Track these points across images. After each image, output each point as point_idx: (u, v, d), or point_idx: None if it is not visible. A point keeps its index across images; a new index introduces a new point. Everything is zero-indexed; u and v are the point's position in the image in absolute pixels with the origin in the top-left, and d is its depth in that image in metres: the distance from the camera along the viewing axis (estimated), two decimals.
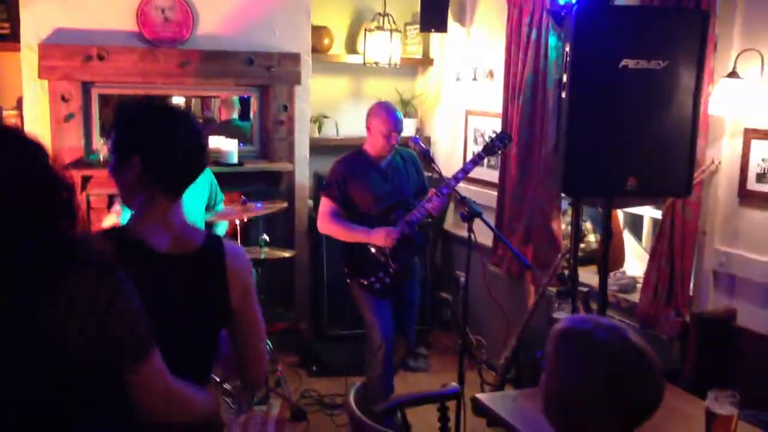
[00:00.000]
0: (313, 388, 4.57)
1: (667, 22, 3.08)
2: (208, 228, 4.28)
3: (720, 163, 3.45)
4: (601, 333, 1.61)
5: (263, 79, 5.09)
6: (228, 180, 4.77)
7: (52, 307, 1.38)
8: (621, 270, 4.21)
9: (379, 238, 3.73)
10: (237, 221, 4.08)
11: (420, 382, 4.69)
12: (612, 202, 3.46)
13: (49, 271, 1.38)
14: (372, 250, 3.78)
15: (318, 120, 5.60)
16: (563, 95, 3.16)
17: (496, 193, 4.81)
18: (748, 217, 3.38)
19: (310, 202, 5.33)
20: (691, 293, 3.60)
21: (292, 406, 4.24)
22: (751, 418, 2.61)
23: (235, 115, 5.53)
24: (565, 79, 3.13)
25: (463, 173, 3.74)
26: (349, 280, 3.92)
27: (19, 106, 4.81)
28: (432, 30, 5.42)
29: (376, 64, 5.37)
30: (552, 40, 4.26)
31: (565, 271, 3.96)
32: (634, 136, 3.08)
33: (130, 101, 1.86)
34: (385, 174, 3.86)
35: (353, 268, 3.86)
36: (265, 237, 4.30)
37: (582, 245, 4.30)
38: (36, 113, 4.71)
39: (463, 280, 5.07)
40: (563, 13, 3.44)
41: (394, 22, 5.39)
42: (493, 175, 4.92)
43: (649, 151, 3.08)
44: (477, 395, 2.66)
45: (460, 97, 5.40)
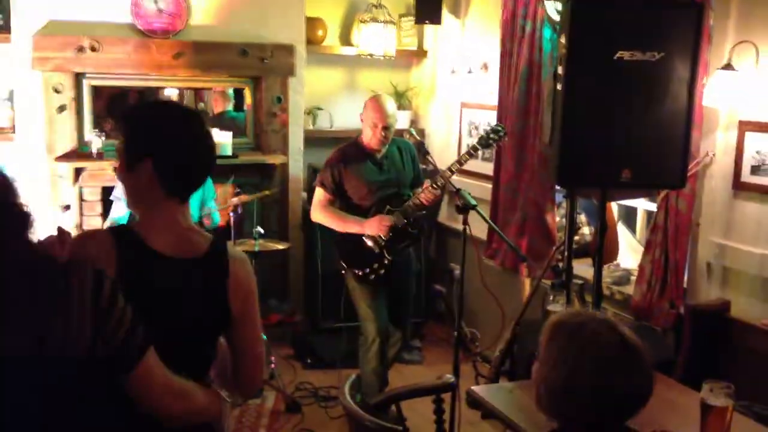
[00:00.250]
0: (308, 380, 4.57)
1: (662, 14, 3.07)
2: (200, 223, 4.27)
3: (714, 155, 3.46)
4: (591, 325, 1.62)
5: (257, 71, 5.07)
6: (222, 172, 4.76)
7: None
8: (615, 262, 4.21)
9: (372, 226, 3.72)
10: (231, 214, 4.07)
11: (414, 374, 4.70)
12: (607, 194, 3.47)
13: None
14: (367, 241, 3.78)
15: (312, 112, 5.58)
16: (558, 87, 3.15)
17: (490, 185, 4.81)
18: (742, 209, 3.38)
19: (304, 195, 5.32)
20: (685, 285, 3.61)
21: (286, 398, 4.25)
22: (745, 410, 2.62)
23: (229, 106, 5.51)
24: (560, 71, 3.13)
25: (459, 165, 3.73)
26: (343, 272, 3.91)
27: (11, 97, 4.78)
28: (426, 22, 5.41)
29: (371, 55, 5.35)
30: (546, 33, 4.26)
31: (560, 264, 3.96)
32: (628, 128, 3.07)
33: (143, 102, 1.81)
34: (380, 165, 3.85)
35: (348, 260, 3.86)
36: (260, 229, 4.29)
37: (576, 238, 4.30)
38: (28, 105, 4.69)
39: (457, 272, 5.08)
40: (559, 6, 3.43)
41: (389, 14, 5.37)
42: (487, 168, 4.92)
43: (644, 143, 3.08)
44: (472, 388, 2.67)
45: (455, 90, 5.39)
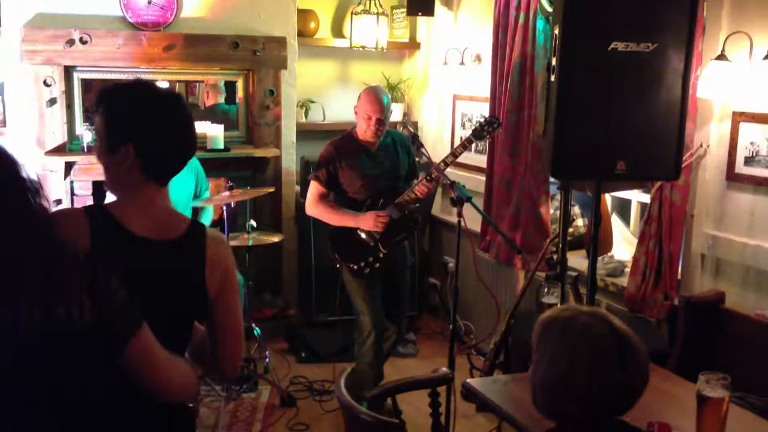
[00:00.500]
0: (302, 374, 4.56)
1: (656, 4, 3.06)
2: (194, 215, 4.25)
3: (708, 146, 3.45)
4: (582, 319, 1.63)
5: (249, 64, 5.04)
6: (214, 166, 4.74)
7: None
8: (609, 254, 4.21)
9: (367, 222, 3.71)
10: (224, 207, 4.05)
11: (409, 367, 4.70)
12: (601, 186, 3.46)
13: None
14: (362, 234, 3.76)
15: (304, 105, 5.56)
16: (552, 78, 3.14)
17: (484, 178, 4.80)
18: (736, 200, 3.38)
19: (298, 188, 5.30)
20: (679, 276, 3.61)
21: (281, 392, 4.24)
22: (740, 401, 2.63)
23: (221, 99, 5.48)
24: (554, 62, 3.11)
25: (453, 158, 3.71)
26: (338, 265, 3.90)
27: (1, 91, 4.73)
28: (419, 14, 5.39)
29: (363, 48, 5.33)
30: (540, 24, 4.24)
31: (554, 256, 3.96)
32: (623, 120, 3.06)
33: (121, 84, 1.78)
34: (374, 157, 3.83)
35: (343, 253, 3.84)
36: (253, 223, 4.28)
37: (570, 230, 4.29)
38: (18, 98, 4.65)
39: (451, 265, 5.08)
40: None
41: (381, 6, 5.34)
42: (481, 160, 4.91)
43: (638, 135, 3.07)
44: (468, 381, 2.66)
45: (448, 82, 5.37)
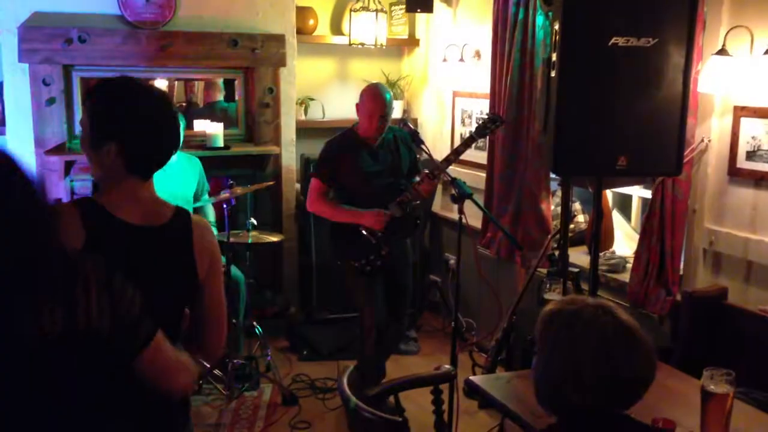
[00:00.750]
0: (304, 372, 4.55)
1: None
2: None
3: (710, 141, 3.44)
4: (587, 311, 1.61)
5: (247, 61, 5.02)
6: (214, 164, 4.73)
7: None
8: (611, 250, 4.21)
9: (369, 219, 3.70)
10: (225, 205, 4.04)
11: (411, 364, 4.69)
12: (602, 182, 3.45)
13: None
14: (363, 232, 3.75)
15: (304, 102, 5.54)
16: (552, 74, 3.13)
17: (484, 174, 4.79)
18: (738, 195, 3.37)
19: (298, 186, 5.29)
20: (681, 272, 3.60)
21: (283, 390, 4.23)
22: (743, 396, 2.62)
23: (220, 97, 5.47)
24: (554, 57, 3.11)
25: (455, 155, 3.71)
26: (340, 262, 3.89)
27: (0, 90, 4.72)
28: (418, 10, 5.36)
29: (362, 45, 5.31)
30: (539, 20, 4.23)
31: (555, 252, 3.96)
32: (624, 115, 3.06)
33: (106, 81, 1.83)
34: (376, 154, 3.82)
35: (344, 251, 3.83)
36: (253, 221, 4.28)
37: (571, 226, 4.29)
38: (17, 98, 4.63)
39: (452, 262, 5.08)
40: None
41: (380, 3, 5.32)
42: (481, 157, 4.89)
43: (639, 130, 3.07)
44: (471, 378, 2.66)
45: (447, 78, 5.35)
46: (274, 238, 4.38)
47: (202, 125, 4.98)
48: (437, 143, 5.44)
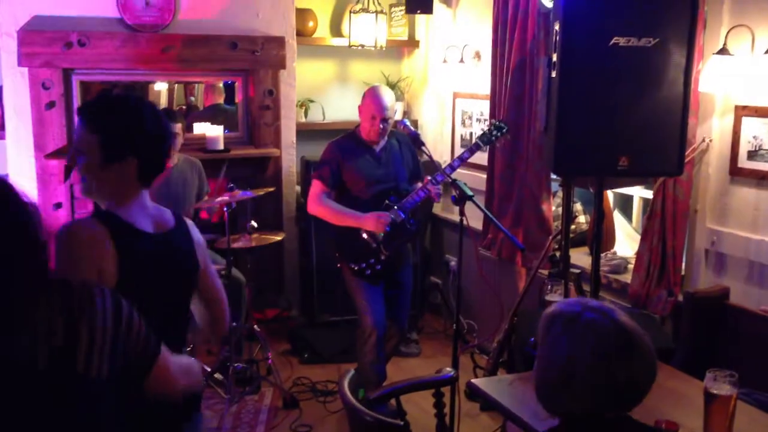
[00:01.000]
0: (305, 375, 4.54)
1: None
2: (195, 216, 4.25)
3: (711, 141, 3.43)
4: (588, 314, 1.61)
5: (247, 64, 5.02)
6: (215, 166, 4.72)
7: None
8: (612, 251, 4.19)
9: (370, 222, 3.69)
10: (225, 208, 4.03)
11: (412, 367, 4.68)
12: (603, 182, 3.44)
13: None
14: (364, 236, 3.74)
15: (304, 104, 5.54)
16: (553, 75, 3.12)
17: (485, 175, 4.78)
18: (740, 194, 3.36)
19: (298, 188, 5.28)
20: (683, 272, 3.59)
21: (284, 394, 4.22)
22: (746, 397, 2.61)
23: (220, 100, 5.47)
24: (555, 58, 3.10)
25: (459, 161, 3.71)
26: (339, 265, 3.88)
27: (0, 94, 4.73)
28: (418, 12, 5.36)
29: (362, 46, 5.31)
30: (540, 20, 4.21)
31: (557, 253, 3.94)
32: (625, 115, 3.05)
33: (103, 101, 1.91)
34: (378, 158, 3.81)
35: (344, 254, 3.82)
36: (254, 224, 4.26)
37: (572, 227, 4.28)
38: (17, 102, 4.63)
39: (453, 264, 5.07)
40: None
41: (379, 4, 5.32)
42: (481, 158, 4.86)
43: (641, 130, 3.06)
44: (473, 380, 2.64)
45: (447, 80, 5.35)
46: (277, 237, 4.36)
47: (202, 128, 4.97)
48: (438, 145, 5.44)
